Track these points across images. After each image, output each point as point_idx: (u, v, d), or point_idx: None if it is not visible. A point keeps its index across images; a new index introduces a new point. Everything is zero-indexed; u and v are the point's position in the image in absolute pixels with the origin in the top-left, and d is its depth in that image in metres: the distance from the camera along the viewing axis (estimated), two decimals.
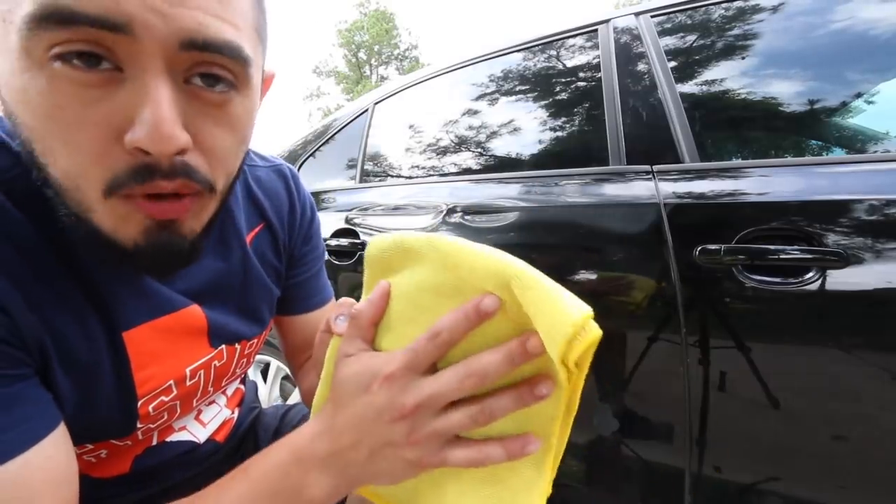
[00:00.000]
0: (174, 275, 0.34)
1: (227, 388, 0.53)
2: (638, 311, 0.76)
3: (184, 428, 0.48)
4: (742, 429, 0.68)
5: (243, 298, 0.45)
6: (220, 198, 0.32)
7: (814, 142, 0.88)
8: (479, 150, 1.14)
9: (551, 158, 1.02)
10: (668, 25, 0.89)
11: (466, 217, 0.97)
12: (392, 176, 1.29)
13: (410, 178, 1.24)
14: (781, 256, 0.64)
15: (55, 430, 0.30)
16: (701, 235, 0.70)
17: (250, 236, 0.46)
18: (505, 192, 0.96)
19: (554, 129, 1.04)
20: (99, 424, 0.37)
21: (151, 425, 0.41)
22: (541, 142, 1.04)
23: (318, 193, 1.36)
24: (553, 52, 1.05)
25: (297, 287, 0.54)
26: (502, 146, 1.11)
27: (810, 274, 0.62)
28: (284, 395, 1.32)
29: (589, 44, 0.97)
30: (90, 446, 0.39)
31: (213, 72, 0.27)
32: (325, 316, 0.52)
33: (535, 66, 1.09)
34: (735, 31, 0.83)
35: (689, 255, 0.69)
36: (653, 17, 0.90)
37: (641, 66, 0.87)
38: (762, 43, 0.81)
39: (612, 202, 0.80)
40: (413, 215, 1.06)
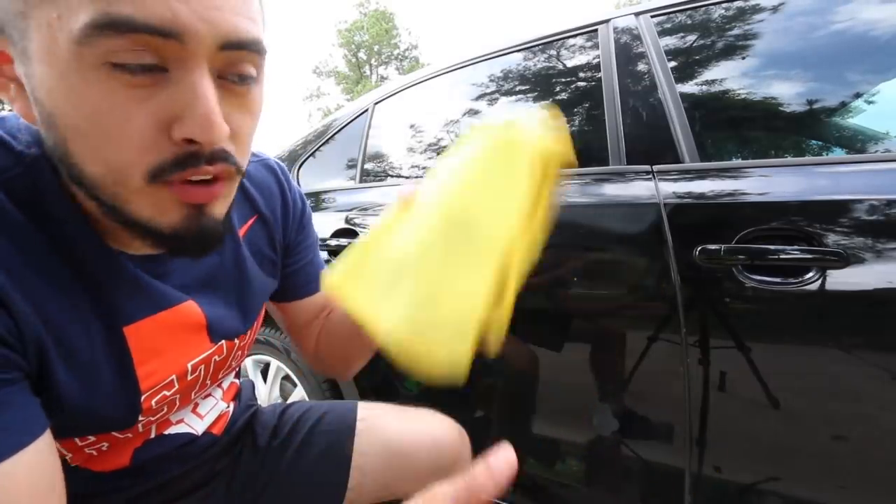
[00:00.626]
0: (208, 254, 0.35)
1: (222, 382, 0.55)
2: (638, 311, 0.76)
3: (181, 421, 0.48)
4: (742, 429, 0.68)
5: (237, 292, 0.46)
6: (240, 179, 0.34)
7: (814, 142, 0.88)
8: None
9: None
10: (668, 25, 0.89)
11: None
12: (392, 176, 1.29)
13: (410, 178, 1.24)
14: (781, 256, 0.64)
15: (40, 438, 0.29)
16: (701, 235, 0.70)
17: (243, 229, 0.48)
18: None
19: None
20: (102, 418, 0.37)
21: (152, 418, 0.42)
22: None
23: (318, 193, 1.36)
24: (553, 52, 1.05)
25: (295, 275, 0.56)
26: None
27: (810, 274, 0.62)
28: (284, 395, 1.32)
29: (589, 44, 0.97)
30: (92, 439, 0.40)
31: (242, 69, 0.30)
32: (325, 300, 0.58)
33: (535, 66, 1.09)
34: (735, 32, 0.83)
35: (689, 255, 0.69)
36: (653, 17, 0.90)
37: (641, 66, 0.87)
38: (762, 43, 0.81)
39: (612, 202, 0.80)
40: None
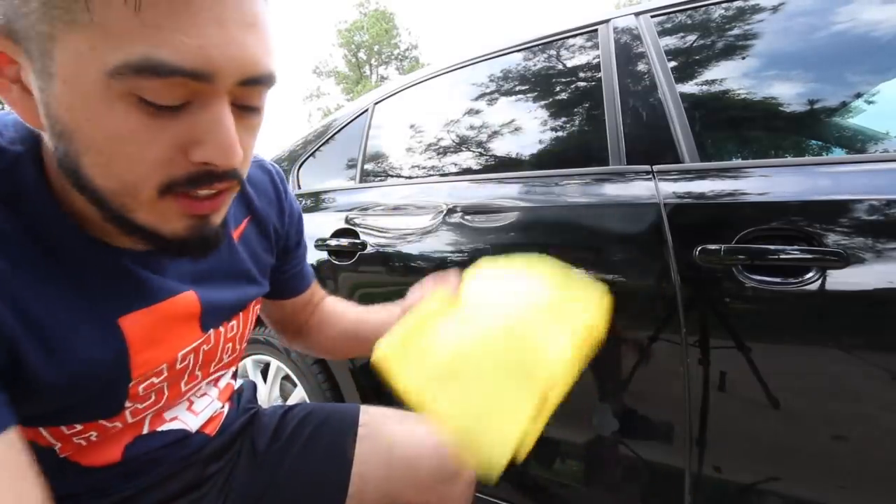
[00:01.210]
0: (207, 256, 0.36)
1: (218, 380, 0.55)
2: (638, 310, 0.76)
3: (175, 418, 0.49)
4: (742, 429, 0.68)
5: (230, 286, 0.47)
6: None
7: (814, 142, 0.88)
8: (480, 150, 1.14)
9: (551, 158, 1.02)
10: (668, 25, 0.89)
11: (466, 217, 0.97)
12: (392, 176, 1.29)
13: (410, 178, 1.24)
14: (781, 256, 0.64)
15: (6, 432, 0.29)
16: (701, 235, 0.70)
17: (239, 230, 0.49)
18: (505, 192, 0.96)
19: (554, 129, 1.04)
20: (87, 404, 0.38)
21: (139, 406, 0.42)
22: (541, 142, 1.04)
23: (318, 193, 1.36)
24: (553, 52, 1.05)
25: (293, 278, 0.61)
26: (502, 146, 1.11)
27: (810, 274, 0.62)
28: (284, 395, 1.32)
29: (589, 44, 0.97)
30: (79, 427, 0.39)
31: (255, 101, 0.32)
32: (311, 294, 0.65)
33: (535, 66, 1.09)
34: (735, 32, 0.83)
35: (689, 255, 0.69)
36: (653, 17, 0.90)
37: (641, 66, 0.87)
38: (762, 43, 0.81)
39: (612, 202, 0.80)
40: (413, 215, 1.06)
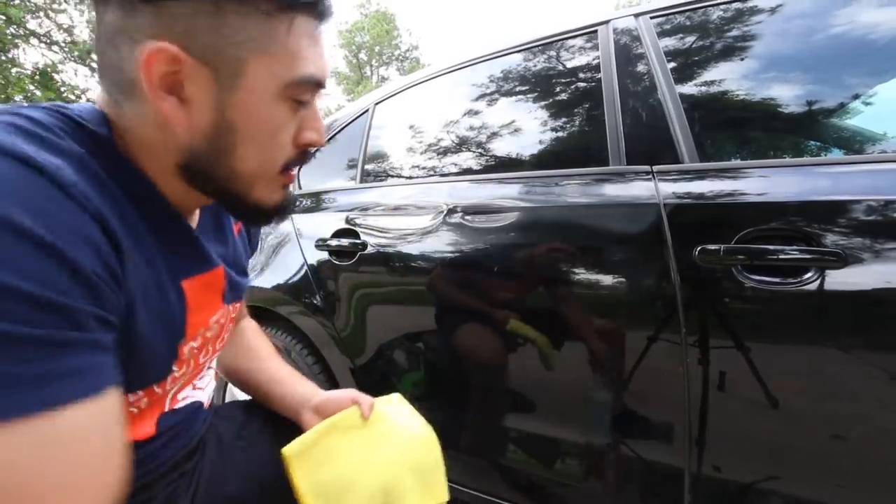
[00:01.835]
0: (286, 218, 0.43)
1: (213, 361, 0.59)
2: (638, 310, 0.76)
3: (187, 397, 0.54)
4: (741, 428, 0.68)
5: (237, 270, 0.54)
6: None
7: (812, 142, 0.88)
8: (480, 150, 1.15)
9: (551, 158, 1.02)
10: (668, 27, 0.89)
11: (466, 217, 0.97)
12: (392, 176, 1.30)
13: (411, 178, 1.24)
14: (781, 256, 0.64)
15: (109, 389, 0.31)
16: (701, 235, 0.70)
17: (237, 227, 0.58)
18: (505, 193, 0.96)
19: (554, 130, 1.04)
20: (150, 363, 0.42)
21: (176, 373, 0.46)
22: (541, 142, 1.05)
23: (319, 193, 1.36)
24: (553, 53, 1.05)
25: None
26: (503, 146, 1.12)
27: (809, 274, 0.62)
28: None
29: (589, 45, 0.98)
30: (140, 393, 0.43)
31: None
32: (242, 307, 0.67)
33: (535, 66, 1.09)
34: (734, 33, 0.84)
35: (689, 255, 0.70)
36: (652, 18, 0.90)
37: (641, 67, 0.87)
38: (761, 44, 0.82)
39: (612, 202, 0.80)
40: (413, 215, 1.06)
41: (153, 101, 0.35)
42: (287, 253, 1.30)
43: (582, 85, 1.00)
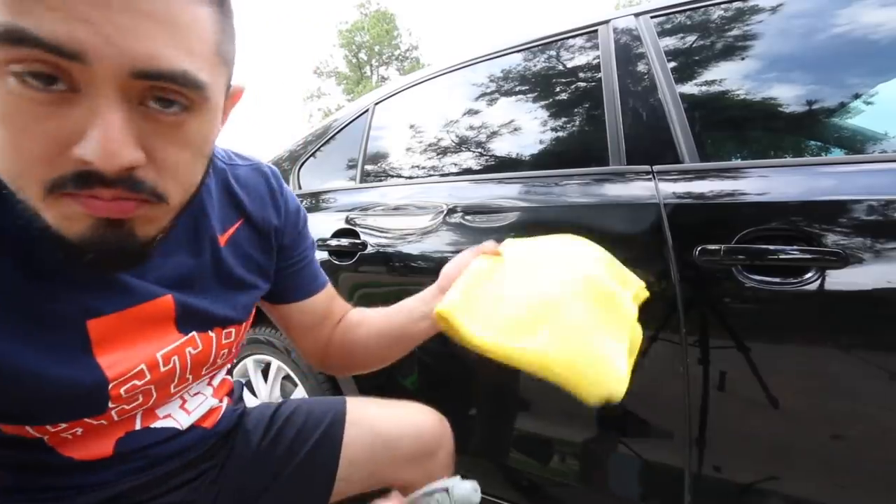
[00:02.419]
0: (122, 271, 0.35)
1: (213, 378, 0.54)
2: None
3: (168, 416, 0.48)
4: (741, 428, 0.69)
5: (216, 291, 0.46)
6: (178, 208, 0.34)
7: (813, 142, 0.88)
8: (480, 150, 1.14)
9: (551, 158, 1.02)
10: (668, 26, 0.89)
11: (467, 217, 0.97)
12: (392, 176, 1.30)
13: (411, 178, 1.24)
14: (781, 256, 0.64)
15: None
16: (701, 235, 0.70)
17: (228, 233, 0.48)
18: (505, 192, 0.96)
19: (554, 130, 1.04)
20: (67, 405, 0.38)
21: (126, 406, 0.42)
22: (541, 142, 1.05)
23: (319, 193, 1.36)
24: (553, 53, 1.05)
25: (296, 275, 0.57)
26: (503, 146, 1.12)
27: (809, 274, 0.62)
28: (285, 394, 1.33)
29: (589, 44, 0.98)
30: (63, 425, 0.40)
31: (166, 96, 0.29)
32: (326, 298, 0.61)
33: (535, 66, 1.09)
34: (734, 32, 0.83)
35: (689, 255, 0.70)
36: (652, 17, 0.90)
37: (641, 67, 0.87)
38: (761, 44, 0.81)
39: (612, 202, 0.80)
40: (413, 215, 1.06)
41: None
42: None
43: (582, 85, 1.00)
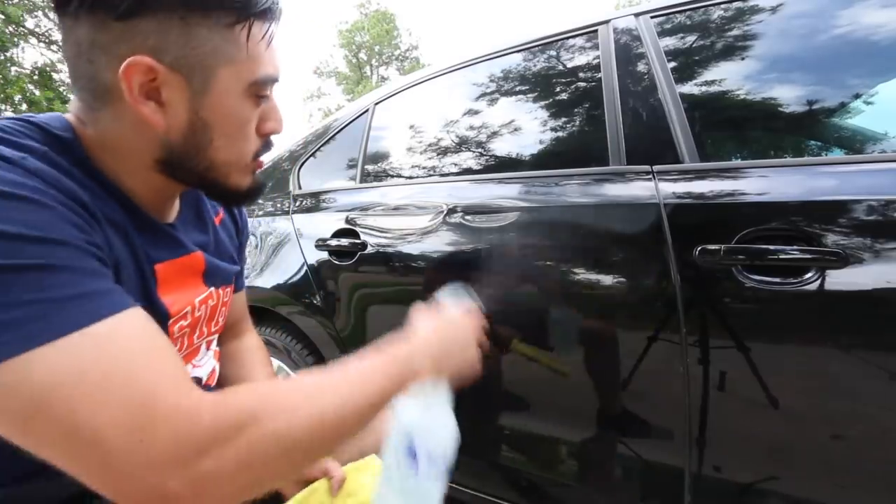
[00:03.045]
0: (255, 202, 0.46)
1: (210, 344, 0.62)
2: (638, 311, 0.76)
3: (192, 366, 0.57)
4: (741, 428, 0.69)
5: (218, 258, 0.57)
6: None
7: (813, 142, 0.88)
8: (480, 150, 1.14)
9: (551, 158, 1.02)
10: (668, 26, 0.89)
11: (466, 217, 0.97)
12: (392, 176, 1.30)
13: (411, 178, 1.24)
14: (781, 256, 0.64)
15: (134, 308, 0.35)
16: (701, 235, 0.70)
17: (218, 217, 0.61)
18: (505, 192, 0.96)
19: (554, 130, 1.04)
20: None
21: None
22: (541, 142, 1.05)
23: (319, 194, 1.36)
24: (553, 53, 1.05)
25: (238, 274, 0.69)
26: (503, 146, 1.12)
27: (809, 274, 0.62)
28: None
29: (589, 44, 0.98)
30: None
31: None
32: (241, 303, 0.72)
33: (535, 66, 1.09)
34: (734, 32, 0.83)
35: (689, 256, 0.70)
36: (652, 17, 0.90)
37: (641, 67, 0.87)
38: (762, 44, 0.81)
39: (612, 202, 0.80)
40: (413, 215, 1.06)
41: (133, 106, 0.38)
42: (287, 253, 1.30)
43: (582, 85, 1.00)
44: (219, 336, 0.70)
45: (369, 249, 1.10)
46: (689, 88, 0.85)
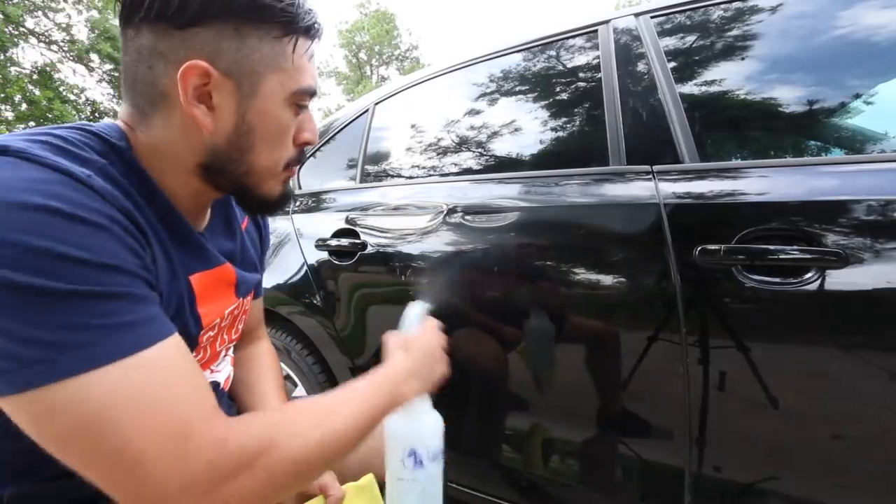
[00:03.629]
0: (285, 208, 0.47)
1: (228, 351, 0.64)
2: (638, 311, 0.76)
3: (212, 371, 0.59)
4: (742, 428, 0.68)
5: (245, 266, 0.59)
6: None
7: (813, 142, 0.88)
8: (480, 150, 1.14)
9: (551, 158, 1.02)
10: (668, 26, 0.89)
11: (466, 217, 0.97)
12: (392, 176, 1.29)
13: (411, 178, 1.24)
14: (781, 256, 0.64)
15: (173, 336, 0.37)
16: (701, 235, 0.70)
17: (245, 223, 0.63)
18: (505, 192, 0.96)
19: (554, 130, 1.04)
20: None
21: (196, 357, 0.52)
22: (541, 142, 1.05)
23: (319, 194, 1.36)
24: (553, 53, 1.05)
25: (259, 283, 0.70)
26: (503, 146, 1.12)
27: (809, 274, 0.62)
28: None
29: (589, 44, 0.98)
30: None
31: None
32: (258, 310, 0.73)
33: (535, 66, 1.09)
34: (734, 32, 0.83)
35: (689, 255, 0.70)
36: (652, 17, 0.90)
37: (641, 67, 0.87)
38: (762, 44, 0.81)
39: (612, 202, 0.80)
40: (413, 215, 1.06)
41: (187, 108, 0.41)
42: (287, 253, 1.30)
43: (582, 85, 1.00)
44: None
45: (369, 249, 1.10)
46: (689, 88, 0.85)
